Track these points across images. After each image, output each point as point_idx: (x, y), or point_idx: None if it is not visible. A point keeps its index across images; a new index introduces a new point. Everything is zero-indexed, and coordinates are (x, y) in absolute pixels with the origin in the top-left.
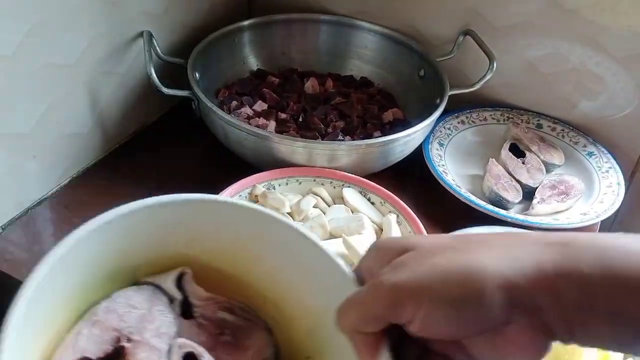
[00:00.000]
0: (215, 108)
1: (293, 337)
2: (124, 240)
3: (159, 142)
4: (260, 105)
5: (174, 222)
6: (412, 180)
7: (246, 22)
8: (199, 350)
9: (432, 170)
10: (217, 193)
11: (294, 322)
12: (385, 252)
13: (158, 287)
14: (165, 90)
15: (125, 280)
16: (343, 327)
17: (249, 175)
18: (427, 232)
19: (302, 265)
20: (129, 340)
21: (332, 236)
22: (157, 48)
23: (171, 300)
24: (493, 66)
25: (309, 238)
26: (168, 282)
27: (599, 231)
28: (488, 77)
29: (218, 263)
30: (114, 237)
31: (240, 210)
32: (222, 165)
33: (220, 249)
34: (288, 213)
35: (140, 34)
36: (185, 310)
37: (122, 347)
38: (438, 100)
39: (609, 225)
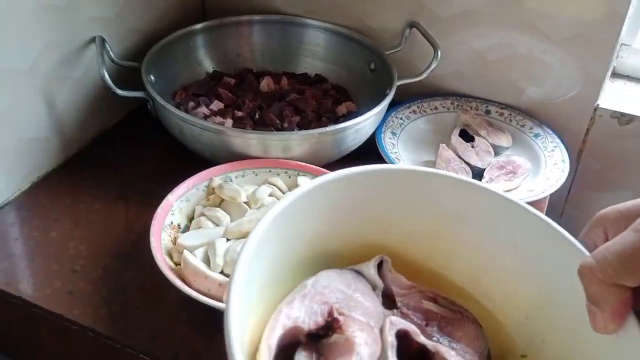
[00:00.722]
0: (169, 106)
1: (500, 334)
2: (321, 220)
3: (118, 146)
4: (217, 105)
5: (373, 205)
6: None
7: (199, 25)
8: (413, 328)
9: (384, 157)
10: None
11: (499, 316)
12: (622, 214)
13: (359, 274)
14: (119, 91)
15: (321, 267)
16: (600, 277)
17: None
18: None
19: (514, 244)
20: (340, 314)
21: None
22: (111, 52)
23: (373, 288)
24: (438, 55)
25: (529, 210)
26: (369, 269)
27: (548, 208)
28: (433, 65)
29: (413, 253)
30: (313, 211)
31: (444, 181)
32: (181, 164)
33: (416, 237)
34: (244, 202)
35: (93, 39)
36: (386, 300)
37: (335, 320)
38: (387, 91)
39: (562, 204)
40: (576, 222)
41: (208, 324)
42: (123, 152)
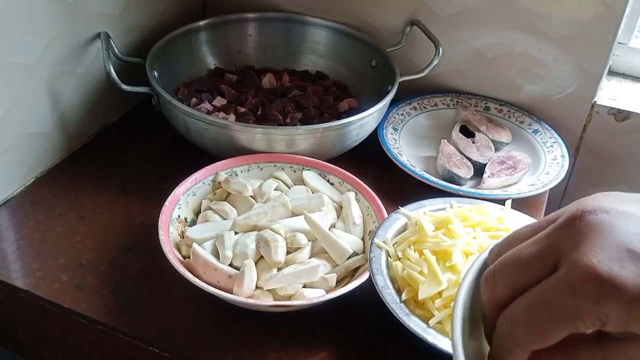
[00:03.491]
0: (175, 101)
1: None
2: None
3: (121, 141)
4: (220, 101)
5: None
6: (370, 164)
7: (202, 22)
8: None
9: (387, 152)
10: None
11: None
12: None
13: None
14: (124, 87)
15: None
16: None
17: None
18: (386, 209)
19: None
20: None
21: (293, 214)
22: (115, 48)
23: None
24: (439, 51)
25: None
26: None
27: (547, 202)
28: (435, 62)
29: None
30: None
31: None
32: (184, 160)
33: None
34: (251, 196)
35: (98, 35)
36: None
37: None
38: (390, 87)
39: (559, 198)
40: None
41: (215, 317)
42: (126, 147)
